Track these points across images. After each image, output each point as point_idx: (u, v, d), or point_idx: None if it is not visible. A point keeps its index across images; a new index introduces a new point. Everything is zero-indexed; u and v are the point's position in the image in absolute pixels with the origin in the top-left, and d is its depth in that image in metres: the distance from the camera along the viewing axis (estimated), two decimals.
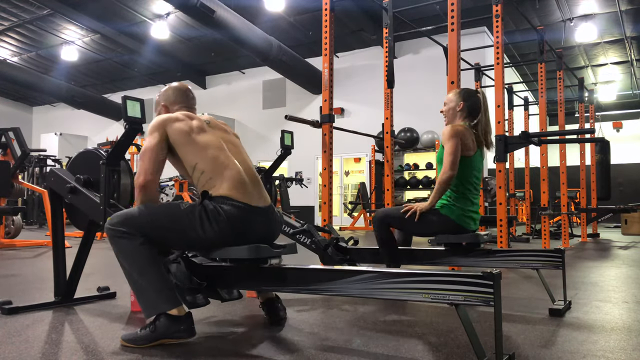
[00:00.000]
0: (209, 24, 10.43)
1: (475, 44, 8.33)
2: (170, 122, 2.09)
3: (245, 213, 1.98)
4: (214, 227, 1.94)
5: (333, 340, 2.04)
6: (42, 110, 21.52)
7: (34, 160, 10.80)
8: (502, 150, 4.62)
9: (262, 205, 2.06)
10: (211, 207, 1.95)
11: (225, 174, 2.02)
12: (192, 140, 2.07)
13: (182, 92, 2.32)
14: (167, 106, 2.28)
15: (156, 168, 2.06)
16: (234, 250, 1.96)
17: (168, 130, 2.07)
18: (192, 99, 2.37)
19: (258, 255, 1.94)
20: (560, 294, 2.69)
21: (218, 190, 1.99)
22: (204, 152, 2.06)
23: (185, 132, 2.08)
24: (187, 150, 2.06)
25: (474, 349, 1.55)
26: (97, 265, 4.43)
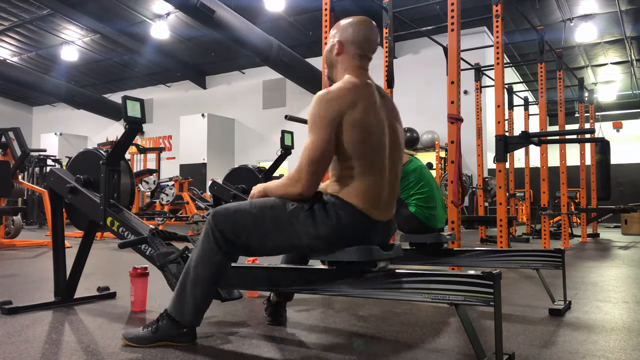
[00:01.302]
0: (209, 24, 10.44)
1: (475, 44, 8.33)
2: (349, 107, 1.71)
3: (363, 227, 1.75)
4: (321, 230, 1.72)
5: (333, 340, 2.04)
6: (42, 110, 21.53)
7: (34, 160, 10.81)
8: (502, 150, 4.62)
9: (384, 219, 1.81)
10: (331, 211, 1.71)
11: (368, 180, 1.73)
12: (362, 130, 1.72)
13: (365, 31, 1.88)
14: (344, 45, 1.87)
15: (321, 175, 1.75)
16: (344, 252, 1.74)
17: (346, 116, 1.71)
18: (376, 44, 1.92)
19: (370, 258, 1.75)
20: (560, 294, 2.69)
21: (349, 193, 1.72)
22: (365, 145, 1.72)
23: (363, 118, 1.72)
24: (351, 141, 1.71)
25: (474, 349, 1.55)
26: (97, 265, 4.43)
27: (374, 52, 1.91)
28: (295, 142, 3.99)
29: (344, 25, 1.91)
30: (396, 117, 1.89)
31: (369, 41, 1.88)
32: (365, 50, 1.88)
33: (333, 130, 1.71)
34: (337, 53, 1.89)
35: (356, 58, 1.87)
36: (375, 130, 1.75)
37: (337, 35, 1.90)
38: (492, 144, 5.17)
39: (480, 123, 7.55)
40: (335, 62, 1.90)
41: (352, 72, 1.85)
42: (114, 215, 2.37)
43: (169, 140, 17.47)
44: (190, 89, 17.35)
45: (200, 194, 10.78)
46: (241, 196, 3.72)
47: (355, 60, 1.87)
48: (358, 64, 1.87)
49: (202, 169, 14.87)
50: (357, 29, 1.87)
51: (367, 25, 1.90)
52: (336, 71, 1.90)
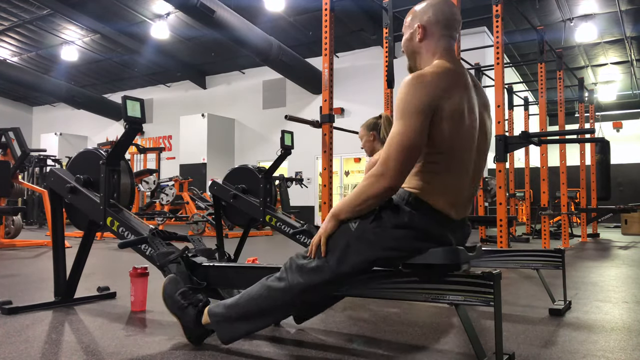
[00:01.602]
0: (209, 24, 10.44)
1: (475, 44, 8.33)
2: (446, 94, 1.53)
3: (440, 227, 1.60)
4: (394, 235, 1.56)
5: (333, 340, 2.04)
6: (42, 110, 21.53)
7: (34, 160, 10.81)
8: (502, 150, 4.63)
9: (460, 218, 1.66)
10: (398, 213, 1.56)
11: (452, 177, 1.58)
12: (456, 123, 1.54)
13: (449, 11, 1.69)
14: (426, 29, 1.67)
15: (410, 168, 1.55)
16: (428, 254, 1.60)
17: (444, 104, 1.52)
18: (460, 24, 1.73)
19: (457, 261, 1.60)
20: (560, 294, 2.69)
21: (428, 191, 1.57)
22: (456, 140, 1.55)
23: (459, 113, 1.54)
24: (443, 134, 1.53)
25: (474, 349, 1.55)
26: (97, 265, 4.43)
27: (459, 31, 1.73)
28: (295, 142, 3.99)
29: (423, 8, 1.71)
30: (487, 110, 1.72)
31: (454, 19, 1.70)
32: (451, 30, 1.69)
33: (426, 119, 1.51)
34: (419, 39, 1.69)
35: (443, 40, 1.67)
36: (468, 123, 1.57)
37: (417, 19, 1.70)
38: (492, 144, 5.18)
39: None
40: (418, 50, 1.71)
41: (442, 57, 1.65)
42: (114, 215, 2.37)
43: (169, 140, 17.47)
44: (190, 89, 17.35)
45: (200, 194, 10.78)
46: (241, 196, 3.71)
47: (442, 42, 1.67)
48: (446, 47, 1.67)
49: (202, 169, 14.88)
50: (439, 8, 1.68)
51: (447, 2, 1.70)
52: (421, 59, 1.71)
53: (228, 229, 8.28)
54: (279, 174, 9.01)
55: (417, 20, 1.70)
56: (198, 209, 9.97)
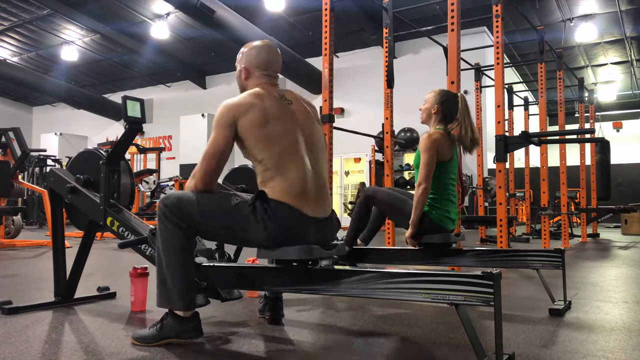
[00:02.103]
0: (209, 24, 10.44)
1: (475, 44, 8.33)
2: (243, 112, 1.87)
3: (299, 223, 1.84)
4: (261, 230, 1.82)
5: (333, 340, 2.04)
6: (42, 110, 21.52)
7: (34, 160, 10.81)
8: (502, 150, 4.62)
9: (320, 215, 1.91)
10: (261, 210, 1.81)
11: (289, 176, 1.84)
12: (263, 133, 1.86)
13: (267, 54, 2.05)
14: (248, 70, 2.04)
15: (217, 173, 1.91)
16: (284, 250, 1.84)
17: (239, 123, 1.86)
18: (278, 64, 2.09)
19: (311, 257, 1.83)
20: (560, 294, 2.69)
21: (276, 193, 1.83)
22: (274, 145, 1.86)
23: (259, 123, 1.86)
24: (257, 144, 1.86)
25: (474, 349, 1.55)
26: (97, 265, 4.43)
27: (278, 70, 2.09)
28: None
29: (245, 52, 2.07)
30: (311, 117, 2.02)
31: (271, 62, 2.05)
32: (271, 70, 2.04)
33: (230, 131, 1.87)
34: (245, 78, 2.06)
35: (263, 78, 2.03)
36: (279, 129, 1.87)
37: (242, 62, 2.06)
38: (492, 144, 5.17)
39: (480, 123, 7.55)
40: (245, 86, 2.05)
41: (259, 87, 1.99)
42: (114, 215, 2.37)
43: (169, 140, 17.47)
44: (190, 89, 17.34)
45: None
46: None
47: (262, 80, 2.02)
48: (265, 82, 2.02)
49: None
50: (256, 54, 2.04)
51: (266, 48, 2.06)
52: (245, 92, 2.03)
53: None
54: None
55: (244, 63, 2.06)
56: None
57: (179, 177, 10.76)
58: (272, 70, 2.05)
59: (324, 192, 1.96)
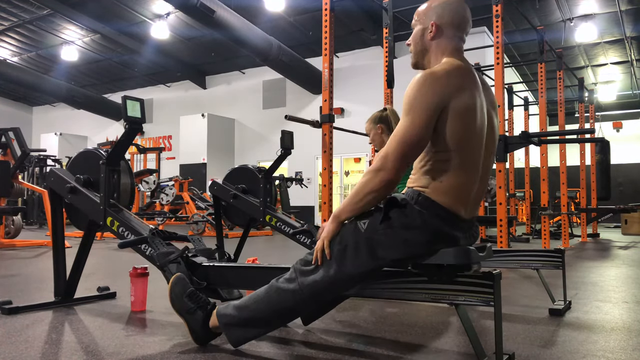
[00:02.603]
0: (209, 24, 10.43)
1: (475, 44, 8.32)
2: (455, 91, 1.53)
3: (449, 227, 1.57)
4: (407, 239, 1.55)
5: (333, 340, 2.04)
6: (42, 110, 21.53)
7: (34, 160, 10.81)
8: (502, 150, 4.63)
9: (469, 217, 1.65)
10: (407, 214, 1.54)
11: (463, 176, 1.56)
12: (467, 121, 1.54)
13: (465, 11, 1.72)
14: (440, 27, 1.68)
15: (409, 163, 1.57)
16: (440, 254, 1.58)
17: (452, 105, 1.52)
18: (470, 26, 1.75)
19: (469, 261, 1.57)
20: (560, 294, 2.69)
21: (439, 190, 1.55)
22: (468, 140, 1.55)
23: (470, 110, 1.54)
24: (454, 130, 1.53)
25: (474, 349, 1.55)
26: (97, 265, 4.43)
27: (468, 33, 1.75)
28: (295, 142, 3.99)
29: (437, 5, 1.71)
30: (495, 109, 1.72)
31: (466, 22, 1.72)
32: (462, 32, 1.71)
33: (434, 116, 1.52)
34: (431, 37, 1.70)
35: (454, 40, 1.69)
36: (479, 123, 1.58)
37: (430, 16, 1.70)
38: None
39: None
40: (428, 47, 1.71)
41: (452, 56, 1.67)
42: (114, 215, 2.37)
43: (169, 140, 17.47)
44: (190, 89, 17.34)
45: (200, 194, 10.78)
46: (241, 196, 3.72)
47: (453, 43, 1.69)
48: (456, 47, 1.69)
49: (202, 169, 14.88)
50: (454, 9, 1.70)
51: (462, 4, 1.72)
52: (429, 57, 1.73)
53: (228, 229, 8.28)
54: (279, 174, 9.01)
55: (431, 18, 1.69)
56: (198, 209, 9.97)
57: (179, 177, 10.76)
58: (466, 32, 1.72)
59: (480, 199, 1.70)
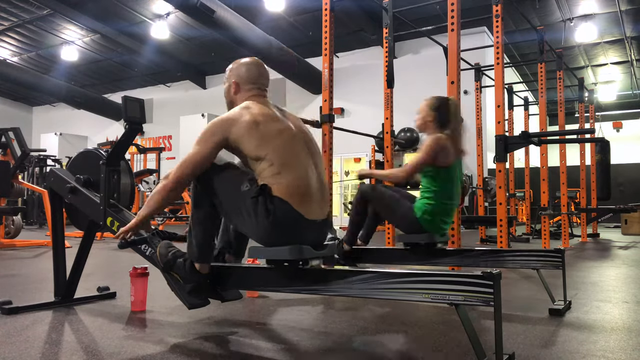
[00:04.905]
0: (209, 24, 10.43)
1: (475, 44, 8.32)
2: (233, 122, 1.91)
3: (296, 225, 1.86)
4: (257, 226, 1.86)
5: (333, 340, 2.04)
6: (42, 110, 21.52)
7: (34, 160, 10.81)
8: (502, 150, 4.62)
9: (319, 218, 1.94)
10: (262, 206, 1.82)
11: (295, 172, 1.87)
12: (259, 132, 1.88)
13: (256, 70, 2.11)
14: (238, 84, 2.08)
15: (188, 183, 1.98)
16: (274, 250, 1.86)
17: (232, 132, 1.90)
18: (267, 79, 2.15)
19: (301, 256, 1.84)
20: (560, 294, 2.69)
21: (282, 189, 1.83)
22: (273, 140, 1.88)
23: (252, 125, 1.89)
24: (255, 144, 1.87)
25: (474, 349, 1.55)
26: (97, 265, 4.43)
27: (267, 85, 2.14)
28: None
29: (235, 67, 2.11)
30: (307, 129, 2.08)
31: (260, 76, 2.10)
32: (259, 84, 2.09)
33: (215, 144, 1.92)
34: (234, 92, 2.09)
35: (252, 91, 2.07)
36: (274, 129, 1.91)
37: (232, 77, 2.10)
38: (492, 144, 5.17)
39: (480, 123, 7.55)
40: (234, 100, 2.09)
41: (248, 100, 2.04)
42: (113, 215, 2.37)
43: (169, 140, 17.46)
44: (190, 89, 17.34)
45: None
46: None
47: (252, 92, 2.07)
48: (256, 94, 2.06)
49: None
50: (248, 68, 2.09)
51: (255, 64, 2.12)
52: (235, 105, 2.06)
53: None
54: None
55: (234, 78, 2.10)
56: None
57: None
58: (261, 83, 2.10)
59: (325, 195, 2.00)
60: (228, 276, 2.07)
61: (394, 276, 1.67)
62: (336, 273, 1.79)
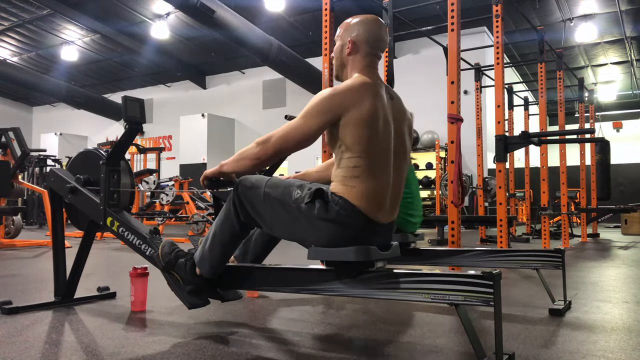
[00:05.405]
0: (209, 24, 10.43)
1: (475, 44, 8.33)
2: (352, 105, 1.71)
3: (364, 229, 1.75)
4: (317, 227, 1.74)
5: (333, 340, 2.04)
6: (42, 110, 21.53)
7: (34, 160, 10.81)
8: (502, 150, 4.62)
9: (386, 221, 1.82)
10: (324, 208, 1.71)
11: (374, 182, 1.72)
12: (368, 133, 1.71)
13: (380, 30, 1.89)
14: (356, 44, 1.86)
15: (285, 156, 1.89)
16: (341, 252, 1.73)
17: (346, 116, 1.71)
18: (386, 43, 1.92)
19: (367, 258, 1.72)
20: (560, 294, 2.69)
21: (354, 194, 1.71)
22: (373, 146, 1.72)
23: (368, 122, 1.70)
24: (356, 142, 1.70)
25: (474, 349, 1.55)
26: (97, 265, 4.43)
27: (384, 51, 1.92)
28: None
29: (355, 24, 1.90)
30: (404, 119, 1.88)
31: (381, 40, 1.89)
32: (377, 49, 1.88)
33: (324, 123, 1.73)
34: (348, 53, 1.88)
35: (368, 57, 1.87)
36: (382, 130, 1.74)
37: (348, 34, 1.89)
38: (492, 144, 5.17)
39: (480, 123, 7.55)
40: (346, 62, 1.90)
41: (362, 72, 1.85)
42: (114, 215, 2.37)
43: (169, 140, 17.47)
44: (190, 89, 17.34)
45: (200, 194, 10.78)
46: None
47: (366, 59, 1.87)
48: (369, 63, 1.87)
49: (202, 169, 14.88)
50: (369, 28, 1.87)
51: (377, 24, 1.90)
52: (346, 71, 1.91)
53: None
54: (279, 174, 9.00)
55: (350, 35, 1.88)
56: (198, 209, 9.97)
57: (179, 177, 10.76)
58: (380, 49, 1.89)
59: (397, 203, 1.86)
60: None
61: (394, 276, 1.67)
62: (334, 273, 1.79)
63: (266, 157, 1.79)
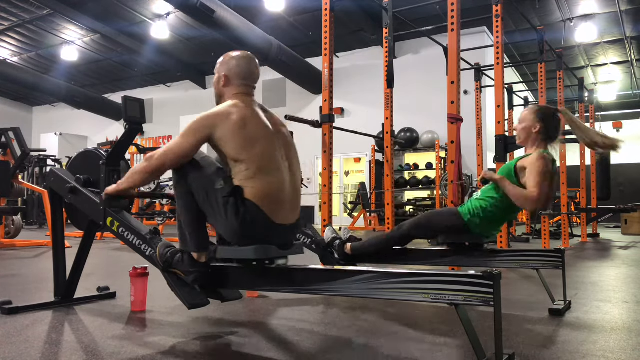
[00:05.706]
0: (209, 24, 10.43)
1: (475, 44, 8.33)
2: (220, 120, 1.95)
3: (265, 229, 1.94)
4: (227, 225, 1.92)
5: (333, 340, 2.04)
6: (42, 110, 21.52)
7: (34, 160, 10.80)
8: (502, 150, 4.62)
9: (288, 223, 2.02)
10: (232, 207, 1.89)
11: (270, 178, 1.93)
12: (244, 135, 1.93)
13: (246, 66, 2.12)
14: (228, 77, 2.10)
15: (165, 172, 2.04)
16: (240, 250, 1.94)
17: (218, 130, 1.93)
18: (257, 76, 2.17)
19: (266, 256, 1.93)
20: (560, 294, 2.69)
21: (255, 194, 1.90)
22: (255, 146, 1.93)
23: (238, 126, 1.93)
24: (237, 146, 1.92)
25: (474, 349, 1.55)
26: (97, 265, 4.43)
27: (256, 82, 2.16)
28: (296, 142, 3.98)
29: (228, 60, 2.13)
30: (286, 130, 2.14)
31: (251, 73, 2.12)
32: (248, 81, 2.12)
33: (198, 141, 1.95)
34: (223, 85, 2.12)
35: (241, 87, 2.10)
36: (258, 133, 1.96)
37: (223, 69, 2.12)
38: (492, 144, 5.17)
39: (480, 123, 7.55)
40: (222, 93, 2.14)
41: (236, 99, 2.07)
42: (114, 215, 2.37)
43: (169, 140, 17.45)
44: (190, 89, 17.34)
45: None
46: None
47: (240, 89, 2.10)
48: (243, 92, 2.10)
49: None
50: (239, 63, 2.11)
51: (247, 59, 2.14)
52: (223, 100, 2.12)
53: None
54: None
55: (223, 70, 2.12)
56: None
57: None
58: (251, 80, 2.13)
59: (297, 200, 2.07)
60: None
61: (394, 276, 1.67)
62: (336, 273, 1.79)
63: (152, 170, 1.99)
